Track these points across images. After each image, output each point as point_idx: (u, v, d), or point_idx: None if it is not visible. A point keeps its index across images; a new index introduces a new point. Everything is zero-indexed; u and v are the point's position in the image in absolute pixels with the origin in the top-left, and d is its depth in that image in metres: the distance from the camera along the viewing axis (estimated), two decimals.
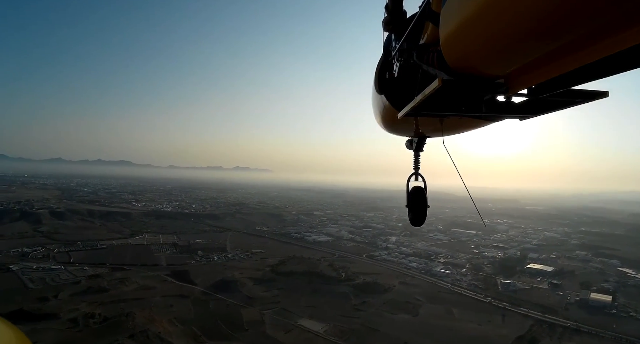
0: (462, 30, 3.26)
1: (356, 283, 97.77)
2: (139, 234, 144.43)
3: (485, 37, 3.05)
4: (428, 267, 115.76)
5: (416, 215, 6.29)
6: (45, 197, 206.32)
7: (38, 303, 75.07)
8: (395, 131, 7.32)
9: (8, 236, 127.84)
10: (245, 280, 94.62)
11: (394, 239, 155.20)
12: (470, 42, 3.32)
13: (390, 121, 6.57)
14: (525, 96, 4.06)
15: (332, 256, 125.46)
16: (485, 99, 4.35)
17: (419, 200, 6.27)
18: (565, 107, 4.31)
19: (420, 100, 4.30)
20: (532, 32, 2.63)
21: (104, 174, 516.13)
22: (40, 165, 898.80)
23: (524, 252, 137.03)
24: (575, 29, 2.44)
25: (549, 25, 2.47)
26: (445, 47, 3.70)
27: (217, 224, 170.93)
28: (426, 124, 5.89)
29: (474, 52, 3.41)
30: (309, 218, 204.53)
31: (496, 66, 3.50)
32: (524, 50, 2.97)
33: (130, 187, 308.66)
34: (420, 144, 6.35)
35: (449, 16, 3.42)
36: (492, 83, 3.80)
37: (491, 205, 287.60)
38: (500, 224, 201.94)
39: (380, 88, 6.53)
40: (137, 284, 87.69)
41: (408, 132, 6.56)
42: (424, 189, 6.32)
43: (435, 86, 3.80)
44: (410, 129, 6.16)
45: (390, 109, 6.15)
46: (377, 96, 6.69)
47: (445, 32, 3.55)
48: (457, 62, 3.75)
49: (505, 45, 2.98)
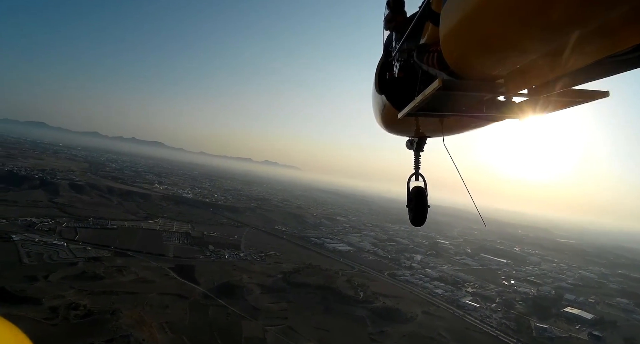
0: (462, 30, 3.25)
1: (375, 306, 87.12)
2: (153, 218, 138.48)
3: (485, 37, 3.05)
4: (455, 296, 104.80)
5: (417, 215, 6.54)
6: (71, 168, 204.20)
7: (25, 283, 68.39)
8: (395, 131, 7.21)
9: (22, 203, 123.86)
10: (253, 286, 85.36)
11: (419, 258, 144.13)
12: (471, 42, 3.30)
13: (390, 121, 6.50)
14: (525, 96, 3.86)
15: (351, 269, 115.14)
16: (485, 99, 4.30)
17: (420, 200, 6.52)
18: (565, 107, 4.08)
19: (421, 100, 4.25)
20: (532, 32, 2.66)
21: (135, 153, 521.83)
22: (77, 137, 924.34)
23: (559, 291, 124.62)
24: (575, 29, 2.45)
25: (549, 25, 2.49)
26: (445, 47, 3.70)
27: (236, 218, 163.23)
28: (426, 124, 6.01)
29: (474, 52, 3.39)
30: (331, 223, 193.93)
31: (496, 66, 3.47)
32: (524, 50, 2.98)
33: (157, 169, 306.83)
34: (420, 144, 6.71)
35: (449, 16, 3.38)
36: (492, 83, 3.82)
37: (521, 232, 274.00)
38: (532, 254, 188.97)
39: (381, 88, 6.48)
40: (136, 276, 79.78)
41: (408, 133, 6.85)
42: (425, 189, 6.58)
43: (435, 86, 3.76)
44: (411, 129, 6.48)
45: (390, 109, 6.09)
46: (377, 96, 6.63)
47: (445, 32, 3.52)
48: (457, 62, 3.76)
49: (505, 45, 2.99)
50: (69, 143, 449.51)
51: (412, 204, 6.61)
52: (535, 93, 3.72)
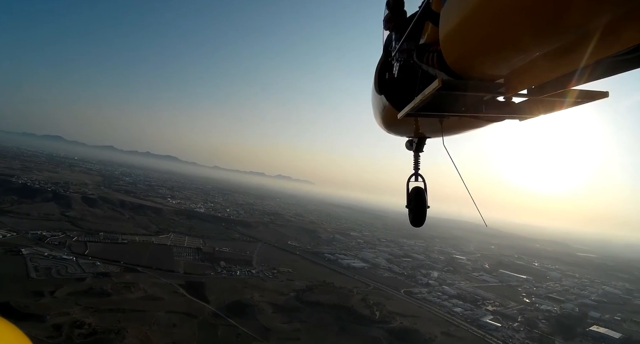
0: (462, 30, 3.25)
1: (392, 326, 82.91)
2: (164, 232, 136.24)
3: (485, 37, 3.06)
4: (475, 315, 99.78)
5: (416, 216, 6.54)
6: (84, 181, 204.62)
7: (30, 298, 66.51)
8: (395, 132, 7.24)
9: (34, 216, 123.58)
10: (265, 305, 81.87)
11: (436, 274, 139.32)
12: (470, 42, 3.31)
13: (390, 121, 6.51)
14: (525, 96, 3.87)
15: (366, 287, 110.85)
16: (485, 99, 4.31)
17: (419, 201, 6.52)
18: (565, 107, 4.11)
19: (420, 100, 4.23)
20: (532, 32, 2.68)
21: (149, 167, 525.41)
22: (93, 150, 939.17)
23: (582, 308, 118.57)
24: (575, 29, 2.47)
25: (548, 25, 2.51)
26: (445, 47, 3.69)
27: (248, 233, 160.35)
28: (426, 125, 5.97)
29: (474, 52, 3.40)
30: (345, 238, 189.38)
31: (496, 66, 3.47)
32: (524, 51, 3.01)
33: (170, 183, 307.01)
34: (420, 145, 6.69)
35: (449, 16, 3.39)
36: (491, 83, 3.80)
37: (539, 246, 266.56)
38: (552, 269, 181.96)
39: (380, 88, 6.47)
40: (144, 293, 77.10)
41: (408, 133, 6.82)
42: (424, 190, 6.56)
43: (435, 86, 3.73)
44: (410, 130, 6.43)
45: (390, 110, 6.06)
46: (377, 96, 6.61)
47: (445, 32, 3.52)
48: (457, 62, 3.75)
49: (505, 45, 3.01)
50: (84, 157, 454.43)
51: (411, 205, 6.63)
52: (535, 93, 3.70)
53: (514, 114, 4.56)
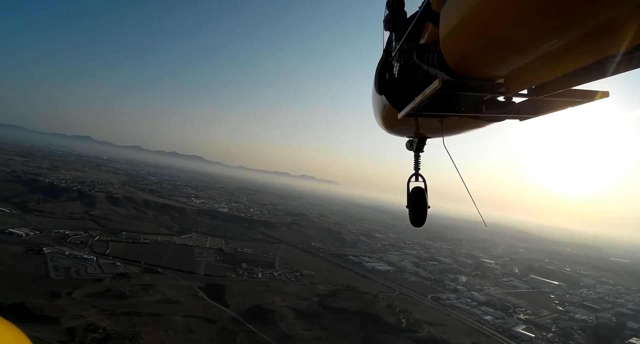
0: (462, 30, 3.26)
1: (419, 336, 78.09)
2: (187, 232, 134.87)
3: (485, 37, 3.07)
4: (506, 324, 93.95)
5: (416, 215, 6.56)
6: (110, 181, 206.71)
7: (46, 299, 64.73)
8: (395, 132, 7.17)
9: (58, 214, 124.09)
10: (286, 310, 78.22)
11: (464, 279, 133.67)
12: (470, 42, 3.31)
13: (390, 121, 6.46)
14: (525, 96, 3.88)
15: (391, 292, 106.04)
16: (485, 99, 4.29)
17: (420, 201, 6.51)
18: (565, 107, 4.16)
19: (420, 100, 4.22)
20: (532, 33, 2.68)
21: (174, 166, 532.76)
22: (120, 150, 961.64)
23: (620, 318, 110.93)
24: (575, 29, 2.47)
25: (548, 25, 2.50)
26: (445, 47, 3.69)
27: (271, 234, 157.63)
28: (426, 125, 5.95)
29: (474, 52, 3.40)
30: (369, 240, 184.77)
31: (496, 66, 3.46)
32: (524, 51, 2.99)
33: (195, 182, 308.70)
34: (420, 145, 6.71)
35: (449, 16, 3.40)
36: (492, 83, 3.79)
37: (569, 250, 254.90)
38: (585, 275, 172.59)
39: (381, 88, 6.41)
40: (162, 295, 74.57)
41: (408, 133, 6.82)
42: (425, 189, 6.57)
43: (435, 86, 3.73)
44: (411, 130, 6.46)
45: (390, 110, 6.03)
46: (377, 96, 6.57)
47: (445, 32, 3.52)
48: (457, 62, 3.74)
49: (505, 45, 3.01)
50: (112, 156, 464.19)
51: (411, 205, 6.64)
52: (535, 93, 3.71)
53: (514, 114, 4.52)
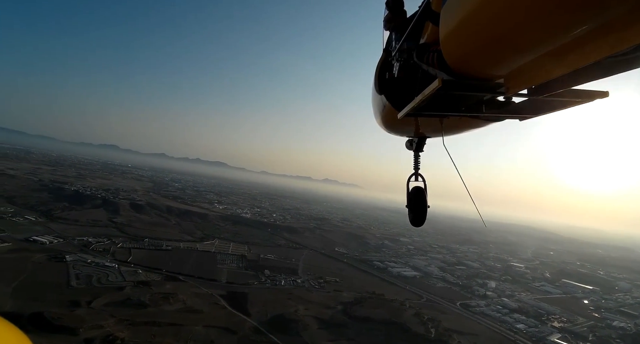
0: (462, 30, 3.27)
1: None
2: (209, 238, 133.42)
3: (485, 37, 3.06)
4: (540, 332, 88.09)
5: (416, 215, 6.46)
6: (134, 188, 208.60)
7: (66, 308, 63.21)
8: (395, 132, 7.18)
9: (82, 222, 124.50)
10: (310, 320, 74.75)
11: (493, 284, 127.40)
12: (470, 42, 3.31)
13: (390, 121, 6.48)
14: (525, 96, 3.94)
15: (419, 299, 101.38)
16: (485, 99, 4.31)
17: (419, 200, 6.45)
18: (565, 107, 4.16)
19: (420, 100, 4.24)
20: (532, 32, 2.67)
21: (198, 173, 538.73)
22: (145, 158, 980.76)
23: None
24: (575, 29, 2.45)
25: (548, 25, 2.50)
26: (445, 47, 3.69)
27: (294, 239, 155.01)
28: (426, 124, 5.95)
29: (474, 52, 3.41)
30: (394, 245, 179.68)
31: (496, 66, 3.47)
32: (524, 50, 2.98)
33: (218, 188, 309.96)
34: (420, 145, 6.67)
35: (449, 16, 3.41)
36: (492, 83, 3.78)
37: (601, 252, 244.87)
38: (620, 279, 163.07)
39: (380, 88, 6.41)
40: (183, 304, 72.32)
41: (408, 133, 6.80)
42: (424, 189, 6.51)
43: (435, 86, 3.74)
44: (411, 130, 6.43)
45: (390, 109, 6.04)
46: (377, 96, 6.57)
47: (445, 32, 3.53)
48: (457, 62, 3.75)
49: (506, 45, 3.00)
50: (137, 164, 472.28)
51: (411, 204, 6.59)
52: (535, 93, 3.74)
53: (514, 114, 4.52)
